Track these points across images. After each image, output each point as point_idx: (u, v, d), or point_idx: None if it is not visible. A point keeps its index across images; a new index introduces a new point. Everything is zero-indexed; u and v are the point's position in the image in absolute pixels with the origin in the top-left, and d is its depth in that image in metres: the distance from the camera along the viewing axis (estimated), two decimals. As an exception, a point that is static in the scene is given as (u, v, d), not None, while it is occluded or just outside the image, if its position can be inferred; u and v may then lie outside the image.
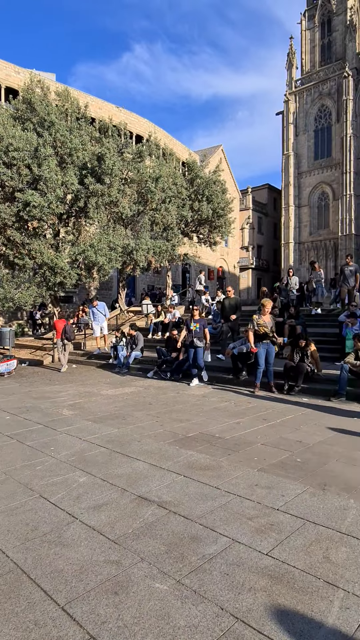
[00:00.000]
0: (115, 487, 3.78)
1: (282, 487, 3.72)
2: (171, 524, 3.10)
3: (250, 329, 8.46)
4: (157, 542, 2.86)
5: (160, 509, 3.34)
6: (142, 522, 3.14)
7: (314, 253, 37.88)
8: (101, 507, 3.41)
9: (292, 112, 38.62)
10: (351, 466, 4.23)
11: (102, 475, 4.09)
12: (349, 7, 36.59)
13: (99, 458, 4.59)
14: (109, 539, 2.92)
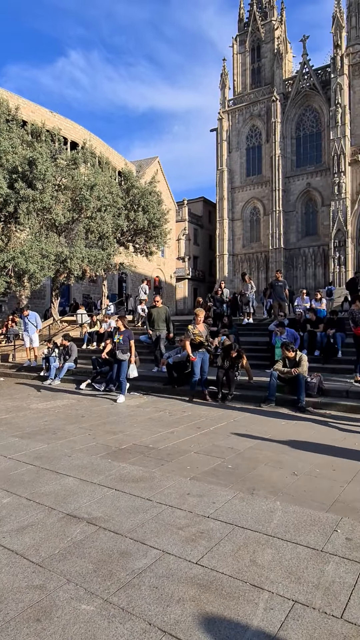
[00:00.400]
0: (42, 507, 3.60)
1: (213, 494, 3.77)
2: (100, 540, 3.01)
3: (187, 338, 8.59)
4: (85, 561, 2.75)
5: (89, 526, 3.23)
6: (70, 541, 3.01)
7: (247, 265, 39.52)
8: (25, 529, 3.22)
9: (225, 129, 40.29)
10: (278, 469, 4.41)
11: (28, 494, 3.87)
12: (276, 37, 39.23)
13: (25, 476, 4.35)
14: (33, 562, 2.76)
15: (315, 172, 35.81)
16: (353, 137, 33.05)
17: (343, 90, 32.59)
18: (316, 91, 35.42)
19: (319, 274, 35.56)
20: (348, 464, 4.53)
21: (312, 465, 4.51)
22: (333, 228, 32.76)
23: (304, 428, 6.19)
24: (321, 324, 10.80)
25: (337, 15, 33.73)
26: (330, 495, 3.73)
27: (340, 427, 6.22)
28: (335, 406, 7.40)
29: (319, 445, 5.29)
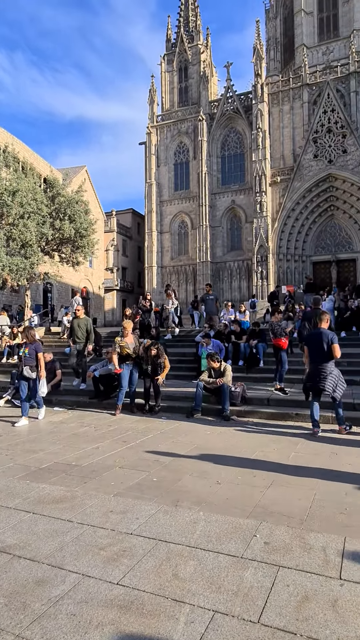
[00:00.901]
0: None
1: (137, 509, 3.71)
2: (14, 570, 2.80)
3: (114, 350, 8.46)
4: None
5: (1, 556, 2.99)
6: (-21, 574, 2.76)
7: (175, 277, 40.18)
8: None
9: (154, 144, 40.96)
10: (202, 479, 4.47)
11: None
12: (202, 60, 41.01)
13: None
14: None
15: (239, 190, 37.69)
16: (273, 160, 35.43)
17: (263, 116, 34.89)
18: (239, 115, 37.50)
19: (243, 286, 37.24)
20: (268, 469, 4.73)
21: (235, 473, 4.64)
22: (256, 244, 34.62)
23: (228, 436, 6.37)
24: (244, 335, 11.28)
25: (257, 47, 36.18)
26: (251, 501, 3.86)
27: (261, 434, 6.49)
28: (257, 414, 7.72)
29: (242, 452, 5.46)
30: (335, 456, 5.23)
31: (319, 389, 6.44)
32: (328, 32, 37.76)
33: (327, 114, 33.01)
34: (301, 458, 5.17)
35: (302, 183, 33.79)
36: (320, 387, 6.39)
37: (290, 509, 3.66)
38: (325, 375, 6.33)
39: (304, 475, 4.53)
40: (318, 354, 6.49)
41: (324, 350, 6.42)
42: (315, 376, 6.44)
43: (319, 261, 35.30)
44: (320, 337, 6.54)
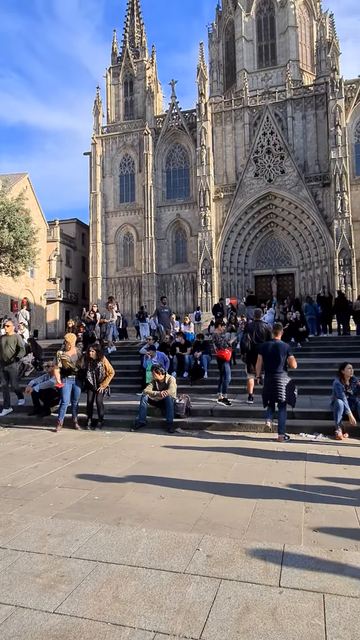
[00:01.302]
0: None
1: (77, 530, 3.56)
2: None
3: (55, 364, 8.16)
4: None
5: None
6: None
7: (120, 288, 39.86)
8: None
9: (99, 155, 40.71)
10: (146, 494, 4.39)
11: None
12: (147, 76, 41.67)
13: None
14: None
15: (184, 204, 38.41)
16: (216, 176, 36.58)
17: (207, 134, 36.03)
18: (184, 131, 38.43)
19: (188, 299, 37.75)
20: (211, 480, 4.76)
21: (179, 486, 4.62)
22: (201, 257, 35.34)
23: (172, 449, 6.34)
24: (189, 347, 11.39)
25: (201, 68, 37.47)
26: (194, 514, 3.85)
27: (205, 445, 6.54)
28: (201, 425, 7.78)
29: (186, 464, 5.46)
30: (276, 464, 5.39)
31: (276, 399, 6.75)
32: (267, 59, 40.04)
33: (267, 136, 34.78)
34: (243, 468, 5.27)
35: (244, 200, 35.16)
36: (277, 398, 6.71)
37: (232, 520, 3.70)
38: (282, 386, 6.68)
39: (246, 485, 4.61)
40: (274, 365, 6.82)
41: (279, 361, 6.77)
42: (273, 386, 6.75)
43: (260, 275, 36.72)
44: (277, 348, 6.89)
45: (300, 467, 5.19)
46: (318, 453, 5.88)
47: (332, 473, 5.01)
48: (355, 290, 30.28)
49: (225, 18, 43.11)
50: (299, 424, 7.31)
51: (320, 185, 33.34)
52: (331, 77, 32.48)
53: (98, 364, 8.18)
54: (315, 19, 40.03)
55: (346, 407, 6.92)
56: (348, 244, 31.29)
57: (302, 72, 39.05)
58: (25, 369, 12.34)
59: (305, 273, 34.77)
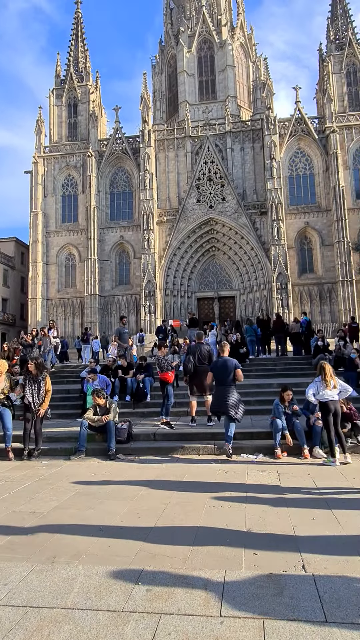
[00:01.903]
0: None
1: (6, 573, 3.28)
2: None
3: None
4: None
5: None
6: None
7: (61, 310, 38.72)
8: None
9: (40, 174, 39.96)
10: (84, 527, 4.18)
11: None
12: (91, 100, 42.05)
13: None
14: None
15: (127, 226, 38.60)
16: (160, 200, 37.30)
17: (151, 160, 36.84)
18: (128, 155, 39.00)
19: (131, 320, 37.49)
20: (152, 509, 4.64)
21: (119, 516, 4.45)
22: (144, 279, 35.48)
23: (113, 477, 6.13)
24: (131, 370, 11.24)
25: (144, 96, 38.57)
26: (134, 546, 3.71)
27: (147, 471, 6.40)
28: (144, 450, 7.63)
29: (126, 493, 5.29)
30: (219, 486, 5.39)
31: (224, 412, 7.15)
32: (207, 93, 42.14)
33: (208, 164, 36.27)
34: (186, 493, 5.20)
35: (187, 224, 36.10)
36: (225, 410, 7.11)
37: (174, 549, 3.61)
38: (229, 399, 7.12)
39: (188, 511, 4.54)
40: (223, 379, 7.36)
41: (228, 376, 7.31)
42: (221, 400, 7.21)
43: (203, 297, 37.53)
44: (225, 363, 7.47)
45: (241, 489, 5.23)
46: (258, 473, 5.97)
47: (272, 493, 5.10)
48: (291, 312, 31.86)
49: (168, 52, 45.00)
50: (240, 445, 7.41)
51: (258, 213, 35.18)
52: (266, 115, 34.86)
53: (39, 378, 7.71)
54: (252, 61, 43.04)
55: (284, 427, 7.15)
56: (284, 269, 33.05)
57: (240, 107, 41.52)
58: None
59: (246, 296, 36.10)
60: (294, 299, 33.56)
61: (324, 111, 36.27)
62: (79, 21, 44.31)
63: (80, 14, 44.55)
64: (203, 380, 8.54)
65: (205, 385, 8.55)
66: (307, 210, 35.61)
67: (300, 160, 36.51)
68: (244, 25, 44.26)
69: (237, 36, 42.65)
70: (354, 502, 4.80)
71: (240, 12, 44.30)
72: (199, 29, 42.08)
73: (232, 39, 41.78)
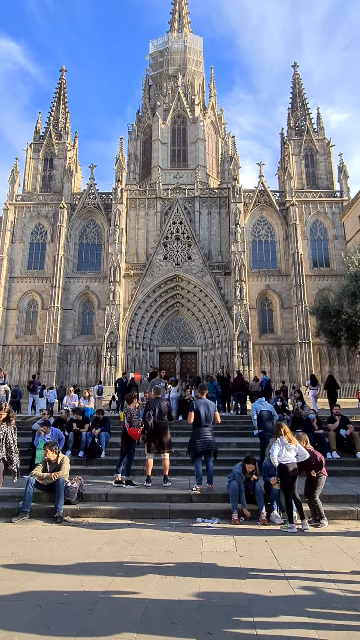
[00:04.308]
0: None
1: None
2: None
3: None
4: None
5: None
6: None
7: (18, 357, 37.32)
8: None
9: (10, 220, 40.17)
10: (19, 603, 3.72)
11: None
12: (68, 157, 43.85)
13: None
14: None
15: (94, 277, 38.86)
16: (128, 254, 38.15)
17: (121, 216, 38.11)
18: (99, 210, 40.19)
19: (91, 371, 36.57)
20: (99, 581, 4.24)
21: (61, 589, 4.02)
22: (107, 330, 35.20)
23: (58, 543, 5.62)
24: (87, 424, 10.75)
25: (120, 158, 40.68)
26: (76, 624, 3.33)
27: (96, 537, 5.93)
28: (94, 512, 7.12)
29: (71, 562, 4.83)
30: (171, 554, 5.04)
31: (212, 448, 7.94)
32: (179, 161, 45.07)
33: (176, 225, 37.92)
34: (134, 563, 4.82)
35: (153, 279, 36.83)
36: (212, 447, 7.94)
37: (121, 626, 3.26)
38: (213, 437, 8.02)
39: (137, 584, 4.18)
40: (206, 420, 7.99)
41: (210, 416, 8.01)
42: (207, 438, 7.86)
43: (165, 351, 37.49)
44: (207, 405, 8.14)
45: (196, 556, 4.92)
46: (215, 539, 5.67)
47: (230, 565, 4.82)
48: (251, 371, 32.30)
49: (144, 122, 48.37)
50: (196, 508, 7.09)
51: (222, 273, 36.60)
52: (232, 185, 37.50)
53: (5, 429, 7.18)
54: (221, 137, 46.94)
55: (241, 490, 6.94)
56: (246, 328, 33.94)
57: (209, 176, 44.51)
58: None
59: (207, 352, 36.43)
60: (254, 358, 34.18)
61: (284, 186, 39.46)
62: (62, 86, 47.15)
63: (64, 80, 47.54)
64: (162, 437, 8.28)
65: (164, 442, 8.27)
66: (269, 274, 37.48)
67: (263, 228, 38.97)
68: (215, 105, 48.69)
69: (208, 114, 46.69)
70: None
71: (212, 94, 48.93)
72: (174, 105, 45.82)
73: (204, 116, 45.66)
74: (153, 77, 49.82)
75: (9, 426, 7.33)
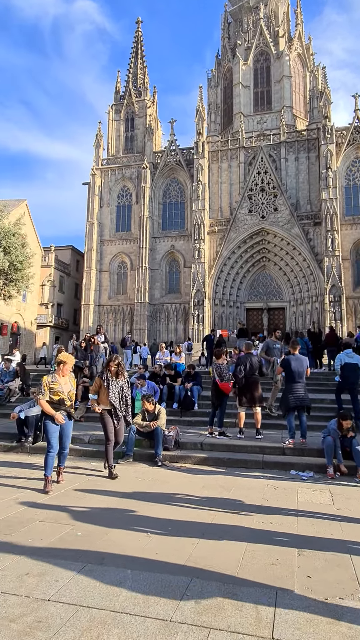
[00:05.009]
0: None
1: (57, 570, 3.34)
2: None
3: (41, 395, 5.98)
4: None
5: None
6: None
7: (112, 316, 39.82)
8: None
9: (97, 185, 41.64)
10: (132, 532, 4.18)
11: None
12: (148, 114, 43.38)
13: None
14: None
15: (179, 236, 39.12)
16: (211, 210, 37.51)
17: (204, 171, 37.21)
18: (181, 167, 39.67)
19: (179, 329, 37.75)
20: (201, 519, 4.56)
21: (166, 524, 4.41)
22: (193, 288, 35.67)
23: (160, 484, 6.12)
24: (179, 378, 11.25)
25: (199, 109, 39.15)
26: (182, 555, 3.65)
27: (195, 480, 6.33)
28: (190, 458, 7.56)
29: (174, 501, 5.25)
30: (267, 502, 5.21)
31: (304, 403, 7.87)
32: (262, 104, 42.01)
33: (261, 175, 36.00)
34: (233, 506, 5.08)
35: (238, 234, 35.92)
36: (305, 402, 7.87)
37: (222, 563, 3.52)
38: (306, 392, 8.00)
39: (236, 524, 4.42)
40: (298, 375, 7.89)
41: (302, 372, 7.92)
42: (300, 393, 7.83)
43: (252, 308, 37.03)
44: (299, 360, 8.01)
45: (292, 504, 5.02)
46: (309, 492, 5.71)
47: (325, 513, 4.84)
48: (344, 326, 30.58)
49: (224, 65, 45.47)
50: (290, 461, 7.15)
51: (312, 223, 34.29)
52: (323, 124, 34.08)
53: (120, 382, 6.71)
54: (309, 71, 42.41)
55: (337, 446, 6.79)
56: (338, 281, 31.87)
57: (296, 117, 40.93)
58: (12, 394, 12.04)
59: (296, 308, 35.16)
60: (347, 312, 32.20)
61: (385, 119, 34.85)
62: (139, 40, 45.96)
63: (141, 32, 46.19)
64: (254, 391, 8.37)
65: (255, 397, 8.36)
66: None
67: (358, 170, 35.24)
68: (302, 35, 43.81)
69: (295, 46, 42.28)
70: None
71: (299, 22, 43.95)
72: (256, 41, 42.19)
73: (290, 49, 41.48)
74: (232, 13, 46.08)
75: (123, 380, 6.90)
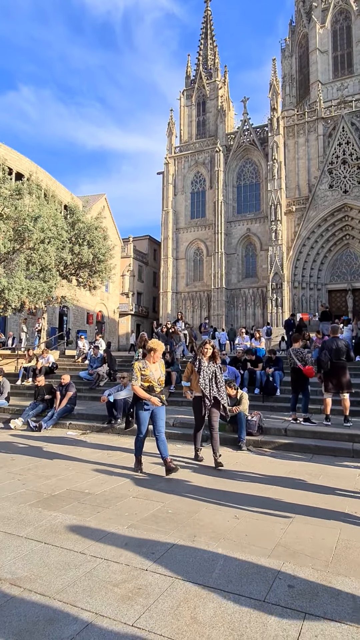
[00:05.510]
0: None
1: (152, 543, 3.54)
2: (24, 605, 2.67)
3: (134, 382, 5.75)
4: (5, 632, 2.40)
5: (12, 588, 2.86)
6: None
7: (190, 302, 40.35)
8: None
9: (171, 173, 42.05)
10: (219, 512, 4.27)
11: None
12: (219, 95, 42.50)
13: None
14: None
15: (254, 219, 38.14)
16: (288, 189, 35.93)
17: (279, 148, 35.67)
18: (255, 146, 38.40)
19: (257, 313, 37.09)
20: (289, 504, 4.51)
21: (254, 507, 4.43)
22: (271, 271, 34.70)
23: (245, 467, 6.15)
24: (260, 363, 11.09)
25: (273, 83, 37.40)
26: (272, 538, 3.66)
27: (281, 465, 6.25)
28: (274, 444, 7.47)
29: (260, 482, 5.25)
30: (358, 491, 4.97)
31: None
32: (342, 69, 38.87)
33: (342, 146, 33.54)
34: (323, 491, 4.93)
35: (317, 212, 34.04)
36: None
37: (314, 549, 3.45)
38: None
39: (329, 510, 4.30)
40: None
41: None
42: None
43: (334, 289, 35.07)
44: None
45: (388, 498, 4.74)
46: None
47: None
48: None
49: (299, 32, 42.77)
50: (383, 450, 6.72)
51: None
52: None
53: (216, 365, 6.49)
54: None
55: None
56: None
57: (382, 78, 37.32)
58: (100, 379, 12.85)
59: (386, 288, 32.58)
60: None
61: None
62: (208, 19, 44.98)
63: (210, 11, 45.18)
64: (341, 377, 7.98)
65: (343, 383, 7.97)
66: None
67: None
68: (389, -17, 39.44)
69: (380, -2, 38.33)
70: None
71: (384, -31, 39.57)
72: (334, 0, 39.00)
73: (374, 2, 37.72)
74: (307, -27, 42.93)
75: (216, 364, 6.63)
